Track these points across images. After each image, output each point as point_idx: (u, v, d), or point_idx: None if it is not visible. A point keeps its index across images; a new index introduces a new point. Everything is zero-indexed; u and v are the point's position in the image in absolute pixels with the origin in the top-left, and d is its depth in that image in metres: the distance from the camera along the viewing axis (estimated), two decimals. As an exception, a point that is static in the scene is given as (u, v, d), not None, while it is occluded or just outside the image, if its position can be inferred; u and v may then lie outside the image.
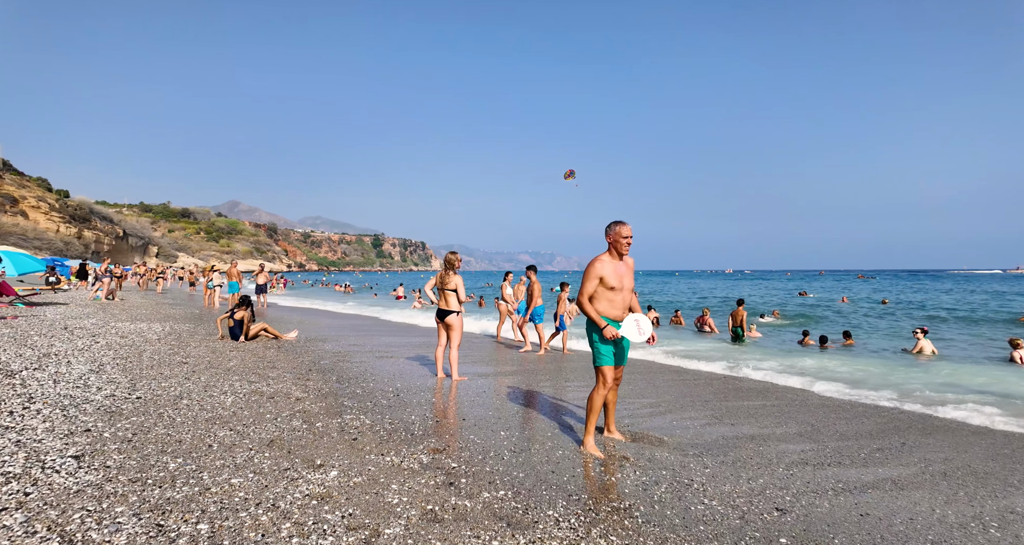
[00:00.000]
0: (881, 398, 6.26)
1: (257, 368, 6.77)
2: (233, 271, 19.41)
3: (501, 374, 7.19)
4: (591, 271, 3.91)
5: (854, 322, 17.92)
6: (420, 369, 7.22)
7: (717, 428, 4.66)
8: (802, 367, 8.64)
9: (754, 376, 7.65)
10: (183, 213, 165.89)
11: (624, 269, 3.98)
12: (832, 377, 7.69)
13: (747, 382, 7.15)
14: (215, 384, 5.66)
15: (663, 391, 6.31)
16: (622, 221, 3.97)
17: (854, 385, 7.07)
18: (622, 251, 3.94)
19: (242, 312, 9.72)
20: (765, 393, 6.38)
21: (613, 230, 3.95)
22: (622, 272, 3.95)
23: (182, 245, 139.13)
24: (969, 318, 19.48)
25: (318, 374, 6.56)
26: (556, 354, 9.39)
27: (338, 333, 11.55)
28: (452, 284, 6.50)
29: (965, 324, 17.77)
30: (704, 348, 11.10)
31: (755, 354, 10.28)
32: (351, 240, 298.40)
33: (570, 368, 7.82)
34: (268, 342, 9.41)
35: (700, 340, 12.86)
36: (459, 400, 5.44)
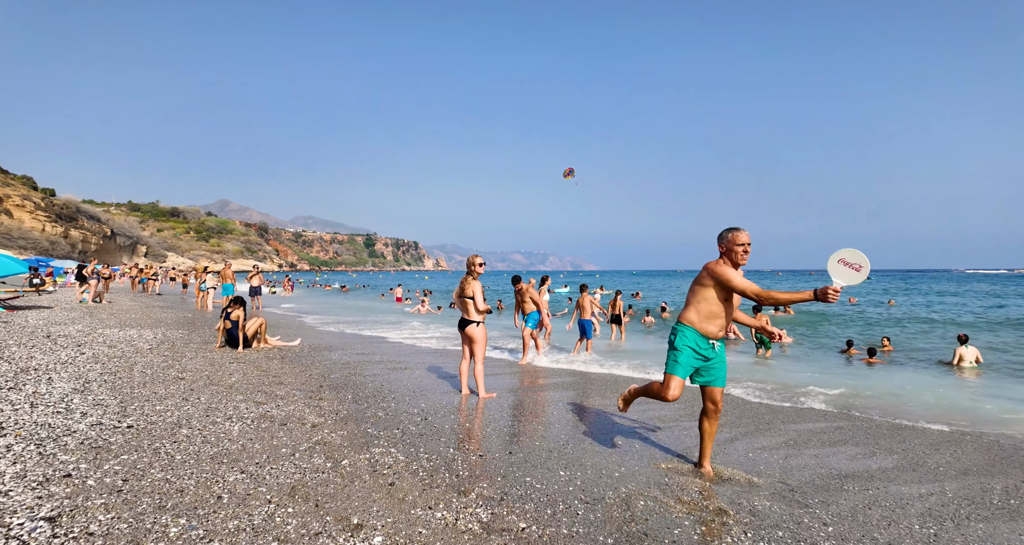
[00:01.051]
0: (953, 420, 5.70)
1: (262, 385, 6.09)
2: (227, 272, 18.64)
3: (531, 389, 6.55)
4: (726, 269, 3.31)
5: (871, 324, 17.46)
6: (441, 384, 6.56)
7: (802, 460, 4.06)
8: (848, 381, 8.08)
9: (805, 391, 7.06)
10: (172, 212, 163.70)
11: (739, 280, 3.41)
12: (880, 392, 7.13)
13: (797, 397, 6.56)
14: (218, 406, 4.98)
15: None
16: (737, 227, 3.41)
17: (909, 403, 6.51)
18: (738, 261, 3.37)
19: (237, 311, 9.04)
20: (825, 413, 5.80)
21: (727, 237, 3.40)
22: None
23: (171, 245, 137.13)
24: (990, 320, 19.08)
25: (331, 392, 5.89)
26: (578, 355, 8.78)
27: (343, 340, 10.86)
28: (470, 291, 5.88)
29: (988, 327, 17.36)
30: (737, 361, 10.51)
31: (794, 366, 9.68)
32: (343, 240, 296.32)
33: (601, 379, 7.20)
34: (270, 352, 8.71)
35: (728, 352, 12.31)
36: (495, 425, 4.79)
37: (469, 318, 5.87)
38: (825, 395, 6.66)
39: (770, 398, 6.45)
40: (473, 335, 5.86)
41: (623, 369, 8.20)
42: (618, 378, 7.53)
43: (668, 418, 5.25)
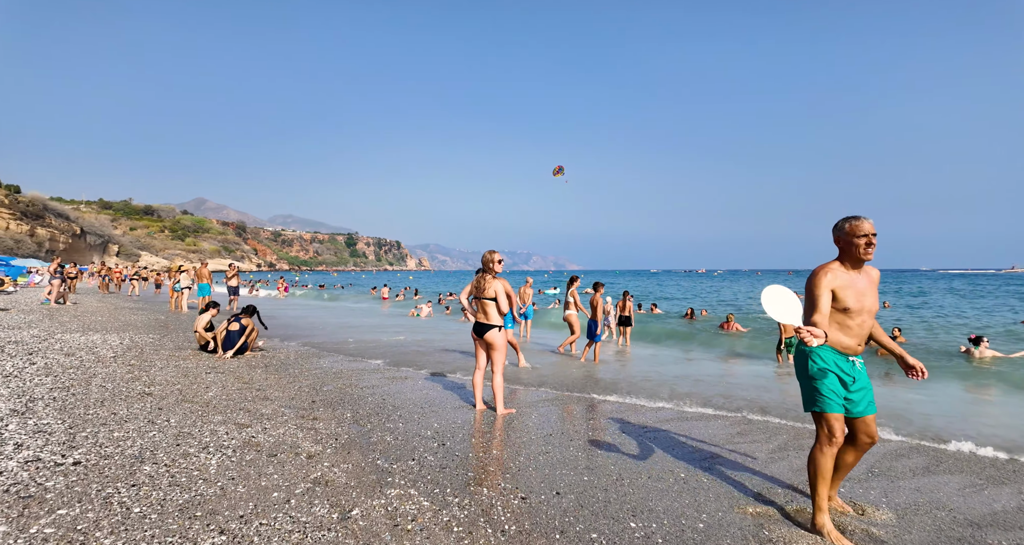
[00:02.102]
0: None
1: (245, 400, 5.23)
2: (204, 272, 17.53)
3: (553, 401, 5.80)
4: (820, 283, 2.71)
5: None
6: (451, 398, 5.78)
7: (938, 495, 3.39)
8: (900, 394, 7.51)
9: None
10: (146, 210, 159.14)
11: (865, 283, 2.78)
12: (934, 409, 6.55)
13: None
14: (191, 430, 4.13)
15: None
16: (857, 216, 2.75)
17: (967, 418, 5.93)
18: (862, 256, 2.71)
19: (248, 319, 8.27)
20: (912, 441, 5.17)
21: (846, 228, 2.77)
22: (862, 287, 2.76)
23: (145, 244, 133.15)
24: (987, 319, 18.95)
25: (326, 408, 5.06)
26: (586, 364, 8.07)
27: (329, 339, 9.96)
28: (491, 291, 5.13)
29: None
30: (763, 369, 9.91)
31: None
32: (324, 239, 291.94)
33: (635, 378, 6.48)
34: (252, 359, 7.80)
35: (749, 363, 11.71)
36: (527, 452, 4.03)
37: (489, 322, 5.11)
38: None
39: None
40: (494, 342, 5.10)
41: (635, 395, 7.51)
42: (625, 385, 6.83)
43: (719, 439, 4.56)
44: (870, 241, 2.71)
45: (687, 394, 6.45)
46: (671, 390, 6.69)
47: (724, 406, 5.85)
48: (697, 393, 6.56)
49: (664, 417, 5.29)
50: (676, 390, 6.72)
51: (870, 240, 2.71)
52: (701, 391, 6.70)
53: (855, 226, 2.74)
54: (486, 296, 5.11)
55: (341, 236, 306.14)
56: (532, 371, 7.69)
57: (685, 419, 5.24)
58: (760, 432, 4.83)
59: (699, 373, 8.24)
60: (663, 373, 8.06)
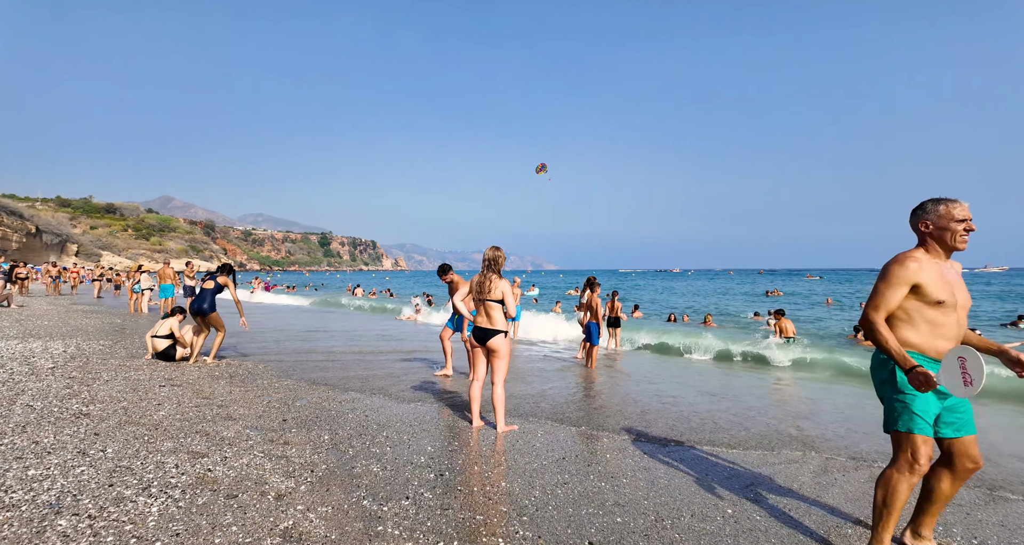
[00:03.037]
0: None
1: (202, 420, 4.47)
2: (167, 272, 16.39)
3: (558, 417, 5.19)
4: (894, 274, 2.22)
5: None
6: (442, 412, 5.11)
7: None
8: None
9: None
10: (108, 208, 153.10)
11: (954, 275, 2.25)
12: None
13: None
14: (131, 464, 3.38)
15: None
16: (952, 198, 2.25)
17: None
18: (958, 245, 2.22)
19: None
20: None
21: (940, 210, 2.29)
22: (952, 279, 2.25)
23: (107, 243, 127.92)
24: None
25: (299, 429, 4.34)
26: (586, 371, 7.50)
27: (291, 344, 9.15)
28: (497, 292, 4.51)
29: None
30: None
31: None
32: (296, 238, 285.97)
33: (637, 387, 5.93)
34: (215, 369, 6.97)
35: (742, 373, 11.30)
36: (542, 482, 3.41)
37: (494, 327, 4.48)
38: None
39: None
40: (499, 349, 4.48)
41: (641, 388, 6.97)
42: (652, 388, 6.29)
43: (752, 461, 4.03)
44: (969, 226, 2.23)
45: (699, 407, 5.93)
46: (681, 402, 6.17)
47: (744, 421, 5.34)
48: (709, 404, 6.05)
49: (686, 434, 4.74)
50: (687, 400, 6.20)
51: (969, 226, 2.24)
52: (714, 404, 6.19)
53: (951, 209, 2.26)
54: (492, 298, 4.48)
55: (314, 235, 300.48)
56: (532, 378, 7.07)
57: (709, 436, 4.70)
58: (793, 450, 4.32)
59: (703, 381, 7.75)
60: (665, 381, 7.54)
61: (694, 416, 5.37)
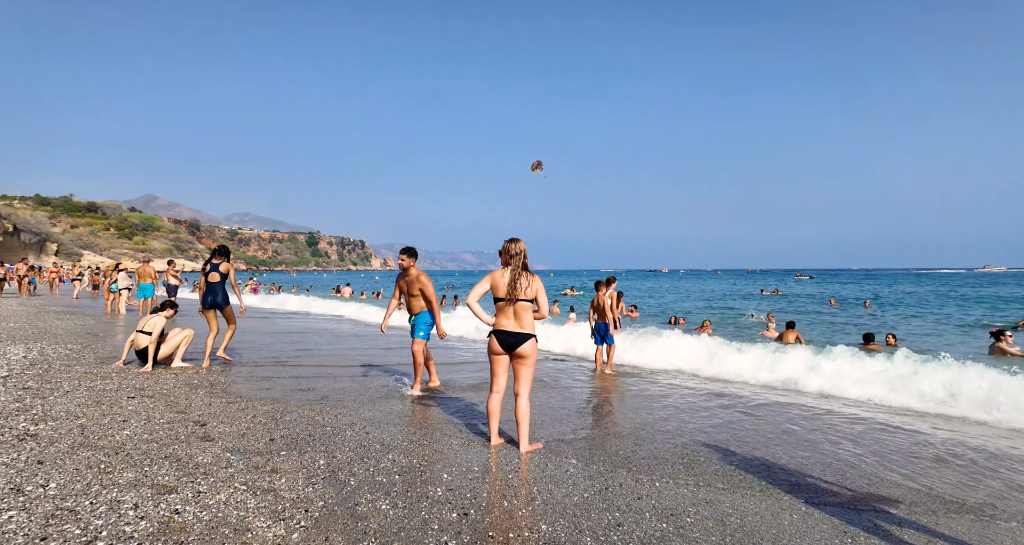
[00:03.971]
0: None
1: (174, 441, 3.79)
2: (147, 270, 15.53)
3: (588, 436, 4.56)
4: None
5: (860, 322, 16.66)
6: (454, 427, 4.47)
7: None
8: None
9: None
10: (89, 207, 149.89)
11: None
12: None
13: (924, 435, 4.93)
14: (78, 505, 2.70)
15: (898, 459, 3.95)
16: None
17: None
18: None
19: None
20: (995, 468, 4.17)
21: None
22: None
23: (88, 242, 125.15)
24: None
25: (289, 452, 3.67)
26: (606, 375, 6.90)
27: (279, 348, 8.43)
28: (532, 291, 3.89)
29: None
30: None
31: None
32: (283, 238, 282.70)
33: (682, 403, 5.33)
34: (192, 377, 6.26)
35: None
36: (589, 522, 2.79)
37: (523, 330, 3.85)
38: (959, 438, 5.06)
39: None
40: (530, 356, 3.88)
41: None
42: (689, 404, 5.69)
43: (890, 498, 3.44)
44: None
45: (743, 424, 5.35)
46: (719, 416, 5.58)
47: (827, 457, 4.75)
48: (766, 427, 5.47)
49: (740, 455, 4.14)
50: (727, 417, 5.61)
51: None
52: (764, 425, 5.61)
53: None
54: (523, 297, 3.85)
55: (302, 235, 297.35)
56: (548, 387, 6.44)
57: (792, 464, 4.11)
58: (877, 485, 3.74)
59: (742, 401, 7.18)
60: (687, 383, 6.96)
61: (750, 432, 4.78)
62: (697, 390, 6.63)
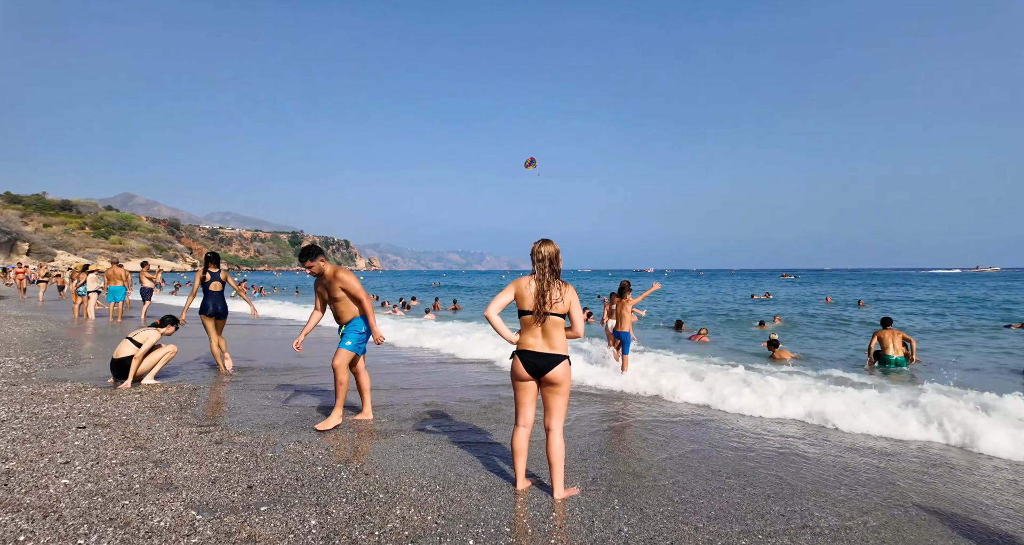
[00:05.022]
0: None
1: (125, 492, 3.01)
2: (118, 272, 14.54)
3: (627, 471, 3.88)
4: None
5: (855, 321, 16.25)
6: (468, 466, 3.75)
7: None
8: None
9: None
10: (63, 205, 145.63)
11: None
12: None
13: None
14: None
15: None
16: None
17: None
18: None
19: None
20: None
21: None
22: None
23: (62, 242, 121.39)
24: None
25: (273, 507, 2.92)
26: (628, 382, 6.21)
27: (259, 361, 7.61)
28: (565, 303, 3.21)
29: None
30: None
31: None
32: (266, 238, 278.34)
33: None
34: (160, 395, 5.44)
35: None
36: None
37: (554, 351, 3.16)
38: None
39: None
40: (563, 382, 3.20)
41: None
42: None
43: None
44: None
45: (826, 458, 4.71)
46: (771, 444, 4.93)
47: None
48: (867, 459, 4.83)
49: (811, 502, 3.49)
50: (796, 447, 4.97)
51: None
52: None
53: None
54: (553, 311, 3.15)
55: (284, 234, 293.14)
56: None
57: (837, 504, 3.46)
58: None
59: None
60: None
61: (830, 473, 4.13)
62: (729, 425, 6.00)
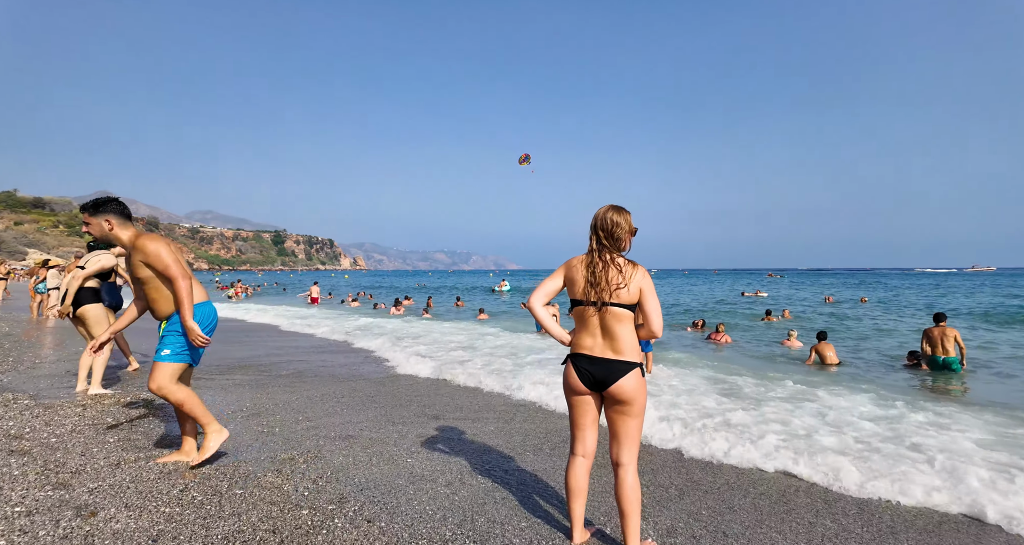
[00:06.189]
0: None
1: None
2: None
3: (714, 521, 3.04)
4: None
5: (862, 321, 15.69)
6: (507, 508, 2.87)
7: None
8: None
9: None
10: (35, 203, 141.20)
11: None
12: None
13: None
14: None
15: None
16: None
17: None
18: None
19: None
20: None
21: None
22: None
23: (34, 240, 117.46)
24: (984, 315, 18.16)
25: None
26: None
27: (226, 361, 6.63)
28: (631, 291, 2.34)
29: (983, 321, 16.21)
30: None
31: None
32: (248, 236, 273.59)
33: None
34: (108, 409, 4.45)
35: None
36: None
37: (620, 357, 2.31)
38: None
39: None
40: (633, 399, 2.32)
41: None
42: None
43: None
44: None
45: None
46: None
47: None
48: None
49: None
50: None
51: None
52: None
53: None
54: (620, 301, 2.30)
55: (267, 233, 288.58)
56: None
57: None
58: None
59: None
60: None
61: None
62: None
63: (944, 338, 7.72)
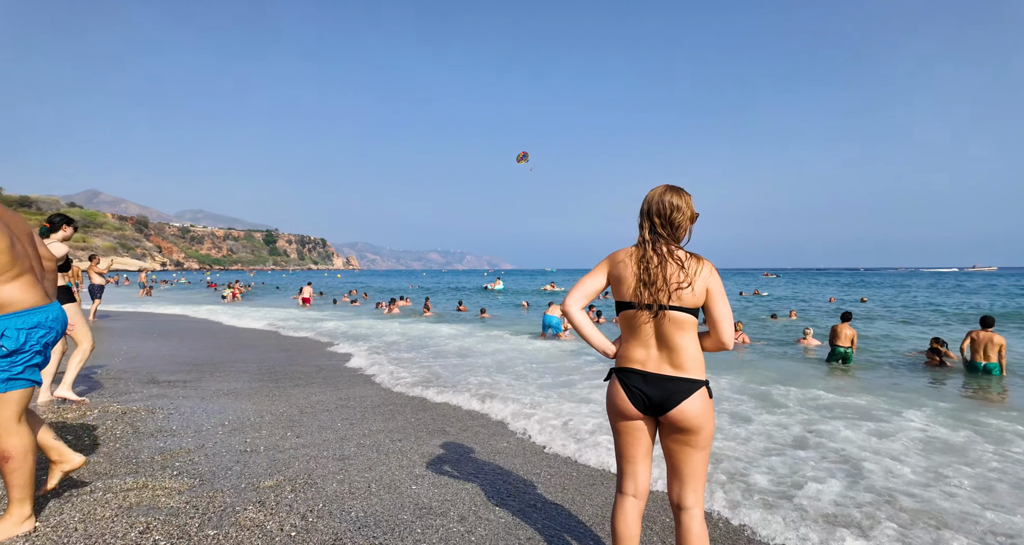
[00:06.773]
0: None
1: None
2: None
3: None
4: None
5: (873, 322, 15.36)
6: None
7: None
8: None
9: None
10: (21, 202, 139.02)
11: None
12: None
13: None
14: None
15: None
16: None
17: None
18: None
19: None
20: None
21: None
22: None
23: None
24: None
25: None
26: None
27: (192, 370, 6.05)
28: (697, 292, 1.84)
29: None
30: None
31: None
32: (239, 236, 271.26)
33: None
34: (77, 422, 3.92)
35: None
36: None
37: (681, 373, 1.83)
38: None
39: None
40: (700, 427, 1.83)
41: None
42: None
43: None
44: None
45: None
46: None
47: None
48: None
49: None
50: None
51: None
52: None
53: None
54: (678, 303, 1.83)
55: (259, 233, 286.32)
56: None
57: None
58: None
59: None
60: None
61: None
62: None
63: (990, 344, 7.47)
